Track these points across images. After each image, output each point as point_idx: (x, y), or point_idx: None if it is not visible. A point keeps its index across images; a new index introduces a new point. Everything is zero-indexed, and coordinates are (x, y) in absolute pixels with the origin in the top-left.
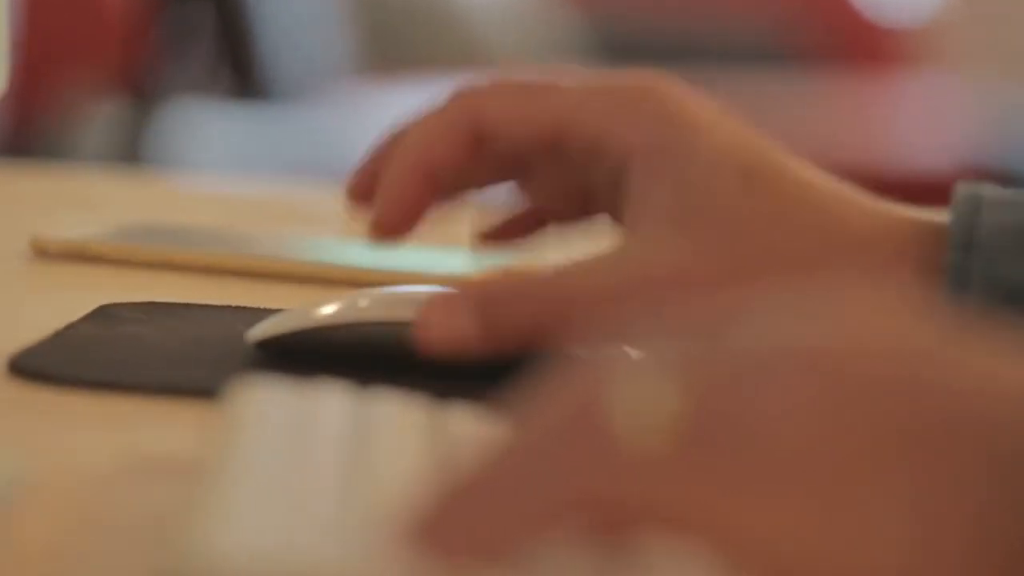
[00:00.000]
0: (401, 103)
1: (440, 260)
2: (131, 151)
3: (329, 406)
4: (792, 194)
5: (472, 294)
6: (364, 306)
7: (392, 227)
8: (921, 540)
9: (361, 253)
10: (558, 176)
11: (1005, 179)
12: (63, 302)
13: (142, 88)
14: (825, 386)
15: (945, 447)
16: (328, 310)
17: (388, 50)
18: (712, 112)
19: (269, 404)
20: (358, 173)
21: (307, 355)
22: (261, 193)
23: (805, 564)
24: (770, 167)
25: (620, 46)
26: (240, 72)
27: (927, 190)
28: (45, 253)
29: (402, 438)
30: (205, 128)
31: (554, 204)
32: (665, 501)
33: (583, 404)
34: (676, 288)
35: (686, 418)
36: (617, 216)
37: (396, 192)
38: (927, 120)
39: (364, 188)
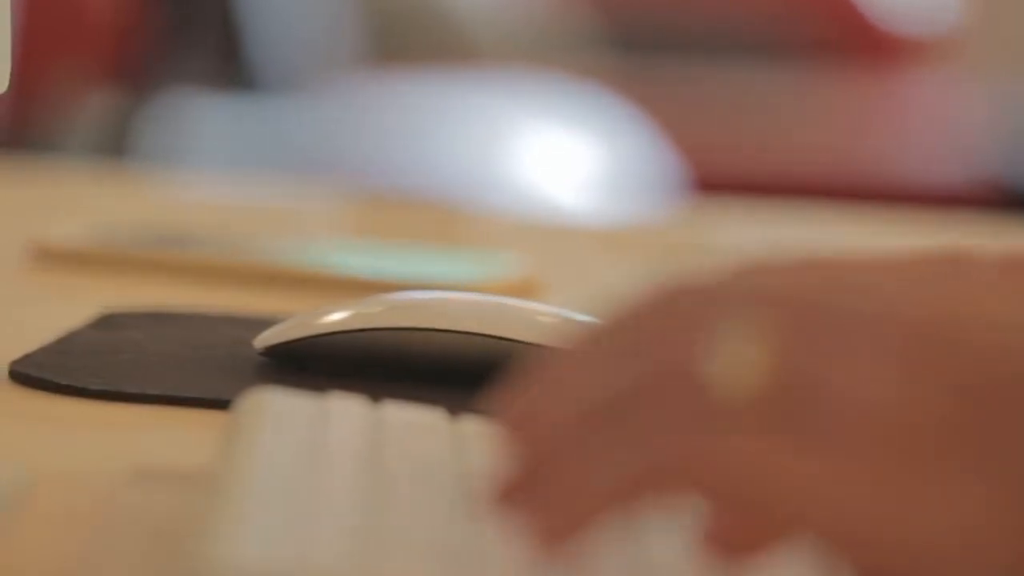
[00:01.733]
0: (402, 97)
1: (448, 265)
2: (126, 145)
3: (343, 416)
4: None
5: None
6: (373, 312)
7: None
8: (988, 514)
9: (367, 258)
10: None
11: (1018, 193)
12: (63, 307)
13: (137, 81)
14: (920, 353)
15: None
16: (336, 316)
17: (389, 42)
18: None
19: (282, 414)
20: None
21: (315, 362)
22: (262, 194)
23: (871, 527)
24: None
25: (628, 42)
26: (237, 65)
27: (936, 202)
28: (45, 257)
29: (417, 449)
30: (201, 121)
31: None
32: (749, 465)
33: (668, 359)
34: None
35: (776, 376)
36: None
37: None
38: (938, 128)
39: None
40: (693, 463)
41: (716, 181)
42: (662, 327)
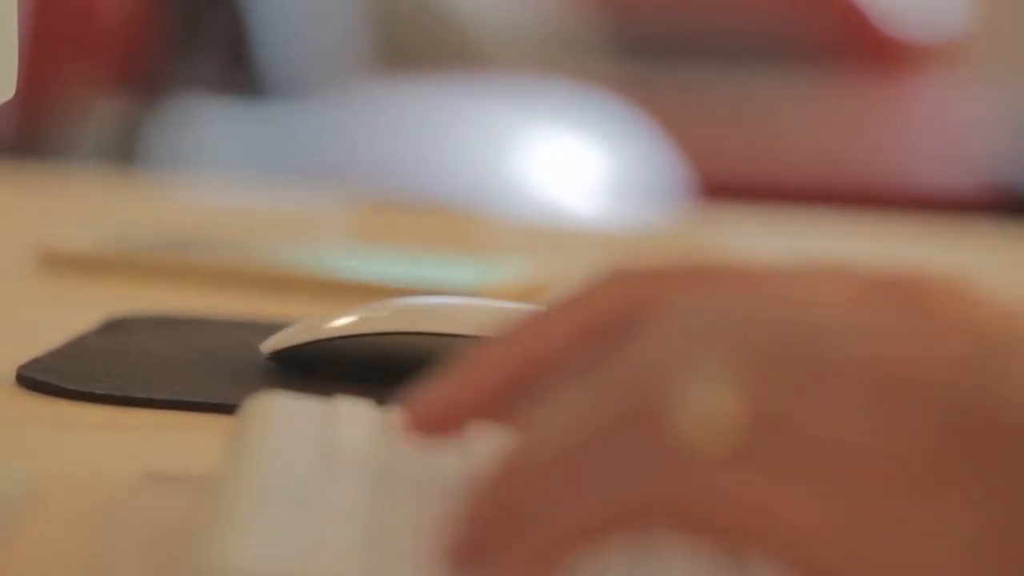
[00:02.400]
0: (411, 102)
1: (455, 270)
2: (134, 150)
3: (350, 421)
4: None
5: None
6: (380, 317)
7: (440, 420)
8: (973, 554)
9: (375, 263)
10: None
11: None
12: (71, 312)
13: (146, 86)
14: (898, 392)
15: (1008, 463)
16: (343, 321)
17: (397, 48)
18: None
19: (289, 419)
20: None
21: (322, 367)
22: (270, 199)
23: (855, 569)
24: None
25: (634, 47)
26: (245, 70)
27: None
28: (53, 262)
29: (422, 457)
30: (210, 127)
31: None
32: (725, 498)
33: (640, 399)
34: None
35: (750, 418)
36: None
37: (472, 379)
38: (945, 133)
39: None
40: (675, 498)
41: (722, 186)
42: (633, 369)
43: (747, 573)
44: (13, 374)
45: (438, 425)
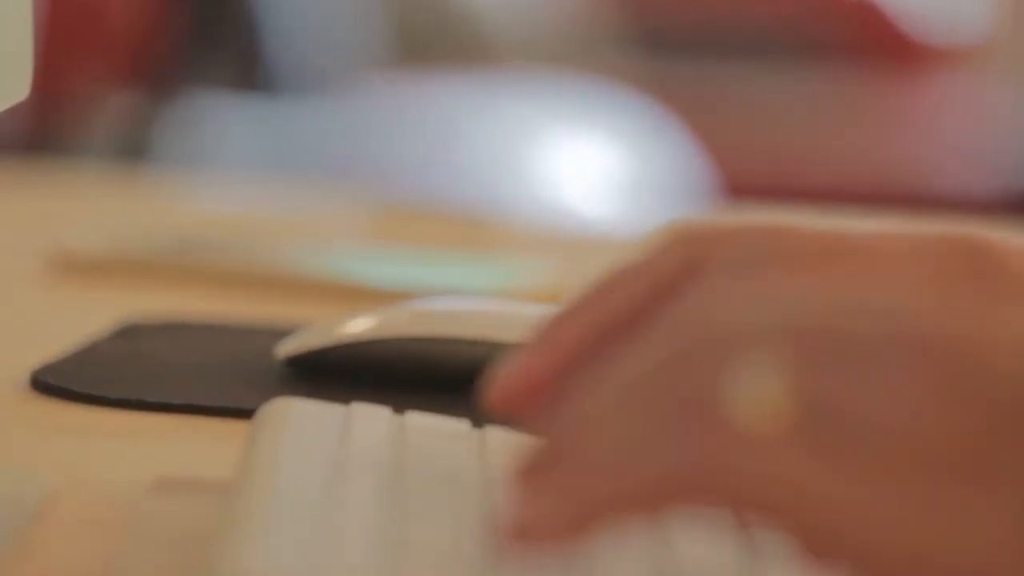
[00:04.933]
0: (425, 100)
1: (473, 273)
2: (146, 148)
3: (365, 426)
4: None
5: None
6: (398, 321)
7: (523, 392)
8: (1018, 544)
9: (390, 266)
10: None
11: None
12: (83, 316)
13: (158, 84)
14: (944, 373)
15: None
16: (360, 325)
17: (411, 45)
18: None
19: (304, 424)
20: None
21: (338, 371)
22: (283, 200)
23: (899, 554)
24: None
25: (654, 44)
26: (258, 68)
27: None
28: (66, 266)
29: (440, 460)
30: (222, 124)
31: None
32: (770, 477)
33: (691, 377)
34: None
35: (799, 399)
36: None
37: (548, 348)
38: (966, 134)
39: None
40: (720, 473)
41: (743, 186)
42: (687, 337)
43: (757, 552)
44: (27, 378)
45: (522, 398)
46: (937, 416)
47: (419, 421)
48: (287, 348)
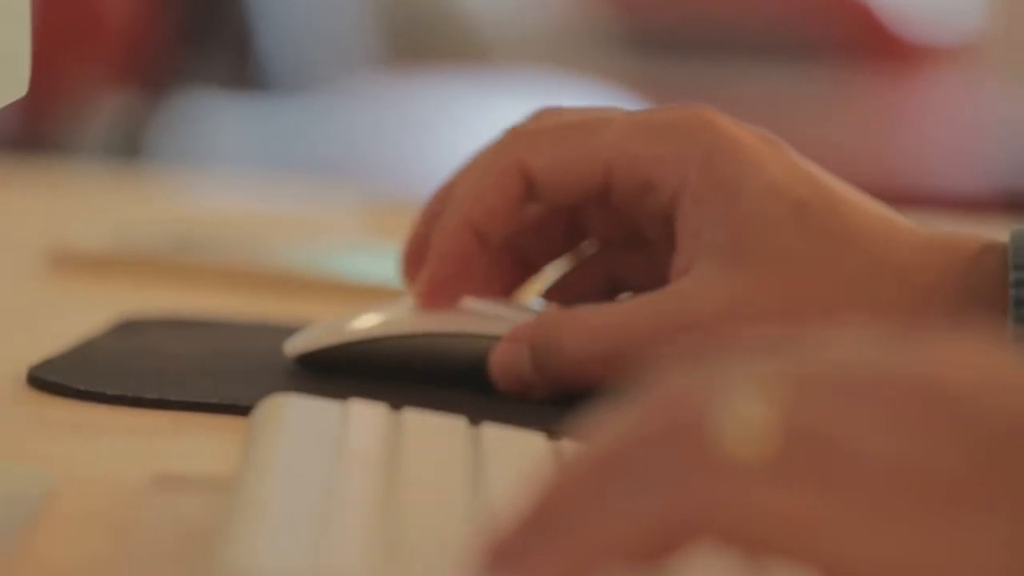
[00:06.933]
0: (419, 96)
1: None
2: (141, 146)
3: (363, 423)
4: (845, 227)
5: (524, 336)
6: (404, 319)
7: (443, 291)
8: (1012, 568)
9: (383, 262)
10: (608, 219)
11: None
12: (81, 312)
13: (152, 82)
14: (928, 407)
15: None
16: (366, 323)
17: (406, 43)
18: (763, 144)
19: (302, 420)
20: (410, 237)
21: (343, 368)
22: (281, 197)
23: (893, 572)
24: (823, 200)
25: (648, 43)
26: (252, 66)
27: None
28: (63, 262)
29: (437, 456)
30: (217, 122)
31: (607, 249)
32: (763, 512)
33: (680, 415)
34: (728, 325)
35: (787, 433)
36: (669, 254)
37: (446, 253)
38: (959, 134)
39: (417, 252)
40: (712, 511)
41: None
42: (676, 386)
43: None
44: (24, 375)
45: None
46: (926, 447)
47: (416, 417)
48: (296, 346)
